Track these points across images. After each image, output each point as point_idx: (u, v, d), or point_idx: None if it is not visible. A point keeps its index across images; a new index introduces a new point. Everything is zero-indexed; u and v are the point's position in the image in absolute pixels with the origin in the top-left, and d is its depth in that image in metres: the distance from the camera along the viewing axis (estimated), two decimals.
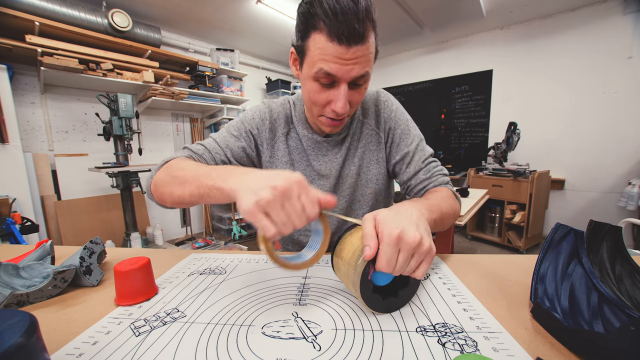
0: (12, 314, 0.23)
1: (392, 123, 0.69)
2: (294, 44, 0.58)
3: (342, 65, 0.49)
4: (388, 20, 2.91)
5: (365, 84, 0.56)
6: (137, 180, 2.26)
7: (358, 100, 0.57)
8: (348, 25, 0.46)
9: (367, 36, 0.48)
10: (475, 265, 0.54)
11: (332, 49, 0.48)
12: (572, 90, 2.78)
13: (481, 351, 0.31)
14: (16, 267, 0.47)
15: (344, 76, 0.50)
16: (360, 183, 0.71)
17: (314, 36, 0.49)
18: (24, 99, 2.21)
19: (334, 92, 0.53)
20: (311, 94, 0.56)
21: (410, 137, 0.68)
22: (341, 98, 0.52)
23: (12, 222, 1.63)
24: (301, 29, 0.52)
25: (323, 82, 0.53)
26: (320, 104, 0.56)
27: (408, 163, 0.67)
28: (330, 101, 0.54)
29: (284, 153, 0.70)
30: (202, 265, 0.57)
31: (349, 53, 0.48)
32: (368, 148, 0.70)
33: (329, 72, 0.50)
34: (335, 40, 0.47)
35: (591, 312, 0.34)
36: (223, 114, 3.06)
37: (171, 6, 2.50)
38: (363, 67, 0.51)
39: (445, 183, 0.66)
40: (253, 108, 0.72)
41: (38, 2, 1.99)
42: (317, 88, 0.54)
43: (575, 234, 0.40)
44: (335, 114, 0.56)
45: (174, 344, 0.34)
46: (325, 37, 0.48)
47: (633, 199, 2.37)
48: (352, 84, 0.53)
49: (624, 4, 2.46)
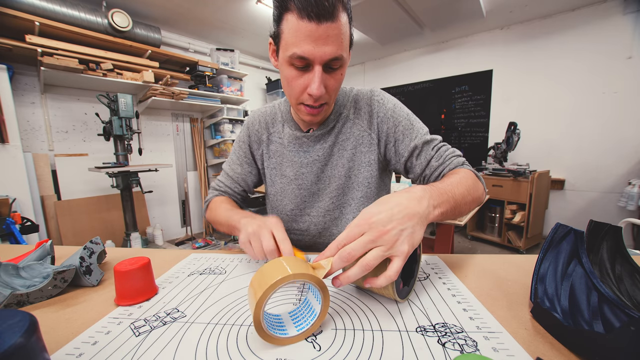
0: (12, 314, 0.23)
1: (390, 122, 0.66)
2: (270, 34, 0.59)
3: (314, 46, 0.49)
4: (388, 20, 2.91)
5: (341, 68, 0.56)
6: (137, 180, 2.26)
7: (334, 86, 0.57)
8: (317, 3, 0.46)
9: (336, 14, 0.49)
10: (475, 265, 0.54)
11: (303, 27, 0.48)
12: (572, 90, 2.78)
13: (481, 351, 0.31)
14: (16, 267, 0.47)
15: (317, 56, 0.51)
16: (350, 186, 0.70)
17: (286, 17, 0.51)
18: (24, 99, 2.21)
19: (309, 75, 0.54)
20: (288, 80, 0.56)
21: (415, 130, 0.65)
22: (315, 80, 0.52)
23: (12, 222, 1.63)
24: (275, 15, 0.54)
25: (297, 65, 0.53)
26: (297, 90, 0.56)
27: (417, 155, 0.64)
28: (307, 86, 0.55)
29: (272, 158, 0.75)
30: (202, 265, 0.57)
31: (320, 30, 0.48)
32: (359, 150, 0.69)
33: (301, 55, 0.50)
34: (305, 18, 0.48)
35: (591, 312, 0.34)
36: (223, 114, 3.06)
37: (171, 6, 2.50)
38: (336, 49, 0.51)
39: (462, 164, 0.63)
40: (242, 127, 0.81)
41: (38, 2, 1.99)
42: (293, 74, 0.55)
43: (575, 234, 0.40)
44: (312, 99, 0.56)
45: (174, 344, 0.34)
46: (295, 16, 0.49)
47: (633, 199, 2.37)
48: (327, 67, 0.54)
49: (624, 4, 2.46)
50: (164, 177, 3.02)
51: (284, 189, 0.74)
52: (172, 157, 3.14)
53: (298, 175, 0.72)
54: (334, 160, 0.69)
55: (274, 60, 0.61)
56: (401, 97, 4.07)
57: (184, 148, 3.24)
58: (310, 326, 0.34)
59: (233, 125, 3.25)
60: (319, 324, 0.35)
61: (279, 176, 0.75)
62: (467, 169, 0.61)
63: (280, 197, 0.75)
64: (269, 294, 0.31)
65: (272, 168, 0.75)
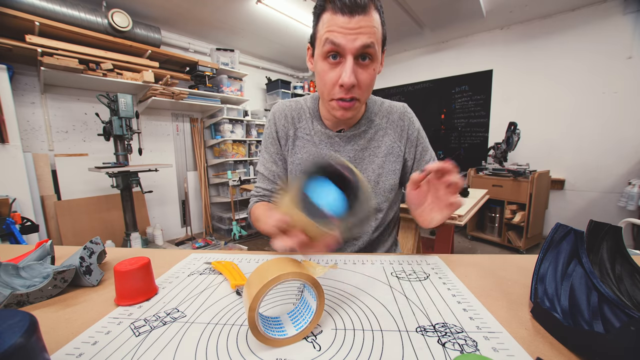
0: (12, 314, 0.23)
1: (415, 141, 0.73)
2: (308, 40, 0.64)
3: (347, 36, 0.53)
4: (388, 20, 2.88)
5: (372, 63, 0.57)
6: (137, 180, 2.26)
7: (366, 81, 0.58)
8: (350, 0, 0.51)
9: (369, 9, 0.53)
10: (475, 265, 0.54)
11: (337, 20, 0.53)
12: (572, 90, 2.78)
13: (481, 351, 0.31)
14: (16, 267, 0.47)
15: (348, 45, 0.53)
16: (377, 191, 0.73)
17: (322, 18, 0.56)
18: (24, 99, 2.21)
19: (340, 67, 0.56)
20: (321, 74, 0.59)
21: (428, 154, 0.75)
22: (347, 69, 0.54)
23: (12, 222, 1.63)
24: (314, 19, 0.59)
25: (330, 58, 0.56)
26: (329, 84, 0.58)
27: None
28: (339, 78, 0.56)
29: (297, 153, 0.75)
30: (202, 266, 0.57)
31: (352, 22, 0.52)
32: (388, 159, 0.72)
33: (333, 40, 0.53)
34: (338, 12, 0.52)
35: (591, 312, 0.34)
36: (223, 114, 3.06)
37: (171, 6, 2.50)
38: (367, 39, 0.53)
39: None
40: (266, 122, 0.80)
41: (38, 2, 1.99)
42: (326, 67, 0.57)
43: (575, 234, 0.40)
44: (343, 90, 0.57)
45: (174, 344, 0.34)
46: (330, 12, 0.54)
47: (633, 199, 2.37)
48: (359, 60, 0.56)
49: (624, 4, 2.46)
50: (164, 177, 3.02)
51: None
52: (172, 157, 3.14)
53: None
54: (365, 164, 0.72)
55: (310, 64, 0.65)
56: (401, 97, 4.07)
57: (184, 148, 3.24)
58: (309, 324, 0.34)
59: (233, 125, 3.25)
60: (316, 321, 0.35)
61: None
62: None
63: None
64: (260, 297, 0.31)
65: (297, 164, 0.75)
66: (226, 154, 3.22)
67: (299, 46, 3.51)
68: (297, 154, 0.75)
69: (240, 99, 3.26)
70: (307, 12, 2.69)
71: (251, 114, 3.46)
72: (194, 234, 3.25)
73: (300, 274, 0.33)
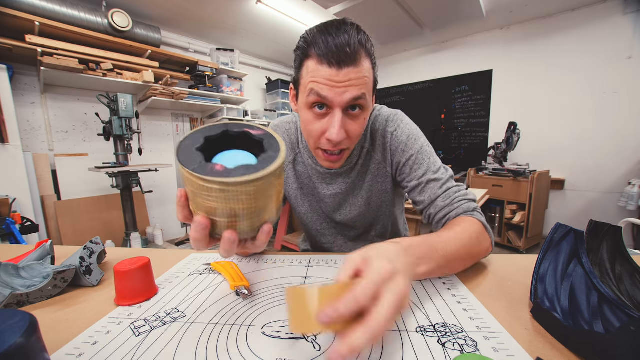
0: (12, 314, 0.23)
1: (400, 155, 0.64)
2: (291, 80, 0.59)
3: (335, 90, 0.47)
4: (388, 20, 2.91)
5: (363, 113, 0.53)
6: (137, 180, 2.26)
7: (357, 132, 0.53)
8: (338, 50, 0.46)
9: (359, 59, 0.47)
10: (476, 265, 0.54)
11: (323, 72, 0.47)
12: (572, 90, 2.78)
13: (481, 351, 0.31)
14: (16, 267, 0.47)
15: (336, 99, 0.48)
16: (369, 211, 0.73)
17: (306, 64, 0.50)
18: (24, 99, 2.21)
19: (328, 120, 0.51)
20: (306, 125, 0.54)
21: (424, 166, 0.61)
22: (335, 124, 0.49)
23: (12, 222, 1.63)
24: (297, 62, 0.53)
25: (317, 109, 0.51)
26: (315, 135, 0.54)
27: (421, 191, 0.61)
28: (325, 130, 0.52)
29: (293, 180, 0.74)
30: (202, 266, 0.57)
31: (340, 75, 0.47)
32: (376, 181, 0.69)
33: (319, 92, 0.48)
34: (325, 64, 0.47)
35: (591, 312, 0.34)
36: (223, 114, 3.06)
37: (171, 6, 2.50)
38: (357, 91, 0.48)
39: (472, 210, 0.56)
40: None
41: (38, 2, 1.99)
42: (311, 117, 0.53)
43: (575, 234, 0.40)
44: (331, 144, 0.52)
45: (174, 344, 0.34)
46: (315, 61, 0.48)
47: (633, 199, 2.37)
48: (348, 111, 0.51)
49: (624, 4, 2.46)
50: (164, 177, 3.02)
51: (312, 209, 0.77)
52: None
53: (321, 204, 0.74)
54: (355, 191, 0.71)
55: (294, 105, 0.60)
56: (401, 97, 4.08)
57: None
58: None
59: None
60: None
61: (306, 196, 0.76)
62: (476, 219, 0.54)
63: (310, 215, 0.77)
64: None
65: (296, 188, 0.75)
66: None
67: None
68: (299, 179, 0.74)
69: (240, 99, 3.26)
70: (307, 12, 2.69)
71: (251, 114, 3.46)
72: None
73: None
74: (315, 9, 2.63)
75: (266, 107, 4.00)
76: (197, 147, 0.30)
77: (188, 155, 0.29)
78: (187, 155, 0.29)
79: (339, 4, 2.54)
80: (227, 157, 0.31)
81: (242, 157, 0.32)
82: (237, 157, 0.32)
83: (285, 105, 3.93)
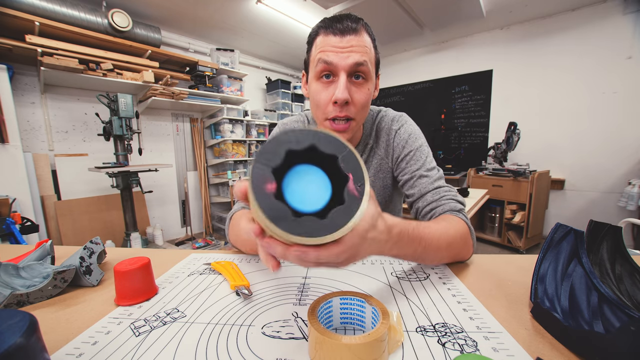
0: (12, 314, 0.23)
1: (400, 151, 0.68)
2: (303, 67, 0.66)
3: (339, 54, 0.54)
4: (388, 20, 2.91)
5: (366, 82, 0.57)
6: (137, 180, 2.26)
7: (360, 100, 0.57)
8: (341, 23, 0.54)
9: (360, 30, 0.55)
10: (475, 265, 0.54)
11: (329, 40, 0.54)
12: (572, 90, 2.78)
13: (481, 351, 0.31)
14: (16, 267, 0.47)
15: (341, 63, 0.54)
16: None
17: (315, 42, 0.58)
18: (24, 99, 2.21)
19: (334, 85, 0.56)
20: (315, 96, 0.59)
21: (419, 162, 0.65)
22: (340, 85, 0.54)
23: (12, 222, 1.63)
24: (307, 48, 0.61)
25: (324, 78, 0.56)
26: (323, 103, 0.57)
27: (413, 184, 0.64)
28: (332, 96, 0.56)
29: None
30: (202, 266, 0.57)
31: (344, 41, 0.54)
32: (378, 176, 0.73)
33: (326, 59, 0.54)
34: (330, 34, 0.54)
35: (591, 312, 0.34)
36: (223, 114, 3.07)
37: (171, 6, 2.50)
38: (359, 56, 0.54)
39: (457, 210, 0.58)
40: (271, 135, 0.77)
41: (38, 2, 1.99)
42: (320, 87, 0.57)
43: (575, 234, 0.40)
44: (338, 108, 0.56)
45: (174, 344, 0.34)
46: (322, 35, 0.56)
47: (633, 199, 2.37)
48: (352, 78, 0.56)
49: (624, 4, 2.46)
50: (164, 177, 3.02)
51: None
52: (172, 157, 3.14)
53: None
54: None
55: (305, 90, 0.66)
56: (401, 97, 4.08)
57: (184, 148, 3.24)
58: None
59: (233, 125, 3.25)
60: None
61: None
62: (462, 220, 0.55)
63: None
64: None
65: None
66: (226, 154, 3.22)
67: (299, 46, 3.50)
68: None
69: (240, 99, 3.26)
70: (307, 12, 2.69)
71: (251, 114, 3.46)
72: (194, 234, 3.25)
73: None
74: (315, 9, 2.63)
75: (266, 107, 4.01)
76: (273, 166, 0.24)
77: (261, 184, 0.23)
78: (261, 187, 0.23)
79: (339, 4, 2.54)
80: (299, 182, 0.25)
81: (316, 180, 0.26)
82: (312, 183, 0.26)
83: (286, 105, 3.93)
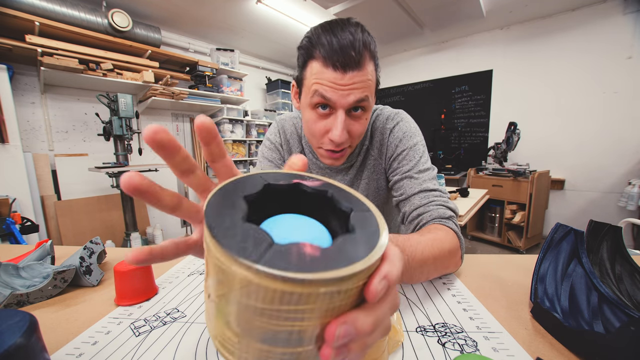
0: (12, 314, 0.23)
1: (392, 150, 0.64)
2: (294, 77, 0.59)
3: (338, 93, 0.48)
4: (388, 20, 2.91)
5: (365, 113, 0.54)
6: None
7: (359, 131, 0.54)
8: (343, 53, 0.46)
9: (363, 63, 0.48)
10: (475, 265, 0.54)
11: (327, 75, 0.48)
12: (572, 90, 2.78)
13: (481, 351, 0.31)
14: (16, 267, 0.47)
15: (339, 101, 0.49)
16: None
17: (310, 64, 0.50)
18: (24, 99, 2.21)
19: (331, 120, 0.52)
20: (309, 124, 0.55)
21: (411, 162, 0.61)
22: (338, 126, 0.50)
23: (12, 222, 1.63)
24: (300, 61, 0.54)
25: (320, 109, 0.52)
26: (318, 134, 0.54)
27: (401, 185, 0.61)
28: (328, 130, 0.52)
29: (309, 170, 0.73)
30: (202, 266, 0.57)
31: (345, 79, 0.47)
32: (372, 178, 0.70)
33: (323, 94, 0.49)
34: (330, 67, 0.47)
35: (591, 312, 0.34)
36: (223, 114, 3.07)
37: (171, 6, 2.50)
38: (361, 92, 0.49)
39: (447, 218, 0.52)
40: (268, 133, 0.75)
41: (38, 2, 1.99)
42: (314, 117, 0.53)
43: (575, 234, 0.40)
44: (333, 144, 0.53)
45: (174, 344, 0.34)
46: (320, 63, 0.48)
47: (633, 199, 2.37)
48: (351, 112, 0.52)
49: (624, 4, 2.46)
50: (164, 177, 3.02)
51: None
52: None
53: None
54: (353, 187, 0.70)
55: (296, 102, 0.61)
56: (401, 97, 4.08)
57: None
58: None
59: (233, 125, 3.25)
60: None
61: None
62: (450, 229, 0.50)
63: None
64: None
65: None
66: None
67: None
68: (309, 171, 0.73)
69: (240, 99, 3.26)
70: (307, 12, 2.69)
71: (251, 114, 3.46)
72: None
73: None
74: (315, 9, 2.63)
75: (266, 107, 4.00)
76: (241, 216, 0.17)
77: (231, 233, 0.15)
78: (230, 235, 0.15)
79: (339, 4, 2.54)
80: (286, 229, 0.18)
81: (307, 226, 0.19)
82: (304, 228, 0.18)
83: (286, 106, 3.93)
